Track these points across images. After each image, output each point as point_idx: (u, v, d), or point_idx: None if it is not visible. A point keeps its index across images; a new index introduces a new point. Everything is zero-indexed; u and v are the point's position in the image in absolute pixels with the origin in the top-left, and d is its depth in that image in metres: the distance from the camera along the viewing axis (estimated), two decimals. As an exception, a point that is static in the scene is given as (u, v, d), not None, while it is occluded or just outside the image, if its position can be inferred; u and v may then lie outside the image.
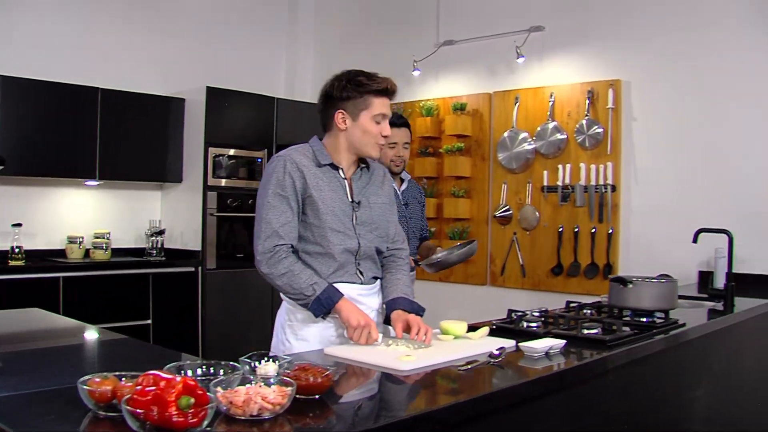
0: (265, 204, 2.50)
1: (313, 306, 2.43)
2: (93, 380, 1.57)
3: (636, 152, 5.05)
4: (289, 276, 2.44)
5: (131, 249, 6.17)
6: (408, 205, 3.78)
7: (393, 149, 3.64)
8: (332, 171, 2.58)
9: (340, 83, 2.52)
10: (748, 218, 4.51)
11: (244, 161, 6.23)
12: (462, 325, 2.48)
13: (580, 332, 2.51)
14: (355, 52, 6.79)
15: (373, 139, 2.55)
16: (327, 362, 2.10)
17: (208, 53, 6.60)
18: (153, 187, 6.40)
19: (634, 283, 2.82)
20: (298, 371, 1.73)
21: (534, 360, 2.19)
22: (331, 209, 2.53)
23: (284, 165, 2.50)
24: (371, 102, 2.51)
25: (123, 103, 5.79)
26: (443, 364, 2.10)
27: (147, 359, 2.28)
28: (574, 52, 5.41)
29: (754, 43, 4.57)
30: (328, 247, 2.52)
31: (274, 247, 2.45)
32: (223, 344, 6.00)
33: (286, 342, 2.55)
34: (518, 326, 2.68)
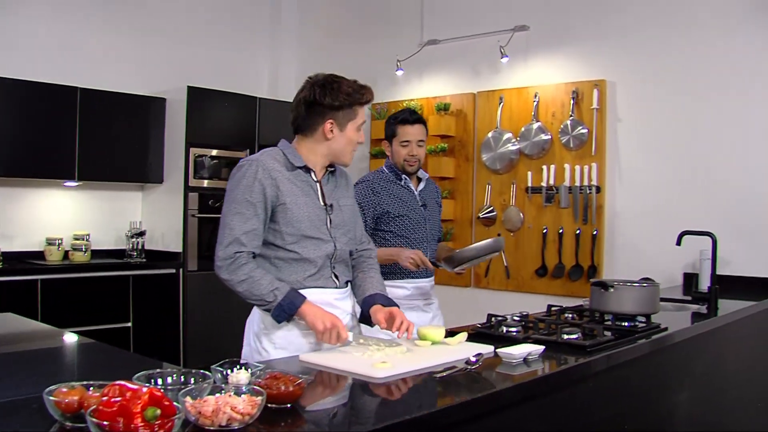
0: (231, 210, 2.47)
1: (275, 312, 2.42)
2: (60, 390, 1.56)
3: (621, 153, 5.07)
4: (249, 282, 2.42)
5: (111, 251, 6.14)
6: (426, 206, 3.64)
7: (405, 147, 3.53)
8: (304, 174, 2.57)
9: (332, 92, 2.50)
10: (733, 219, 4.53)
11: (225, 162, 6.21)
12: (440, 330, 2.48)
13: (560, 337, 2.51)
14: (339, 51, 6.79)
15: (352, 147, 2.60)
16: (302, 369, 2.10)
17: (190, 52, 6.58)
18: (133, 188, 6.37)
19: (615, 288, 2.82)
20: (270, 380, 1.72)
21: (512, 366, 2.19)
22: (306, 215, 2.51)
23: (255, 171, 2.47)
24: (358, 112, 2.57)
25: (103, 102, 5.76)
26: (419, 371, 2.09)
27: (120, 366, 2.26)
28: (558, 51, 5.42)
29: (742, 42, 4.59)
30: (303, 252, 2.51)
31: (235, 253, 2.43)
32: (204, 347, 5.98)
33: (263, 351, 2.52)
34: (497, 331, 2.68)
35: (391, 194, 3.55)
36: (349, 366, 2.11)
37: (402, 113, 3.61)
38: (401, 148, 3.54)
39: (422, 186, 3.67)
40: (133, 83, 6.14)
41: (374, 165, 6.30)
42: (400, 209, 3.53)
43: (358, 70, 6.52)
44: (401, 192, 3.57)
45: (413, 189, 3.60)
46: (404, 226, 3.53)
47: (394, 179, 3.58)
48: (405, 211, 3.53)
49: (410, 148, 3.53)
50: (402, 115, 3.59)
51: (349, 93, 2.51)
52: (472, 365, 2.14)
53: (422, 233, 3.58)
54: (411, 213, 3.55)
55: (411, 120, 3.55)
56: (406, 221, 3.53)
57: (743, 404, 3.83)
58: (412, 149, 3.53)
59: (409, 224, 3.54)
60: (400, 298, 3.46)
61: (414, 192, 3.60)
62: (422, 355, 2.28)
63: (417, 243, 3.54)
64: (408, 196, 3.58)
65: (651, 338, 2.71)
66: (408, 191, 3.59)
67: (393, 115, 3.65)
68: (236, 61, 6.96)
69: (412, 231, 3.55)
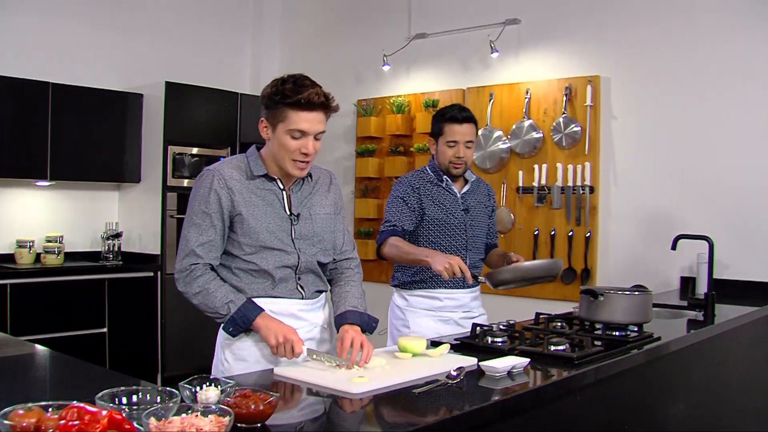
0: (189, 221, 2.48)
1: (227, 326, 2.41)
2: (16, 412, 1.53)
3: (615, 152, 5.07)
4: (203, 295, 2.42)
5: (86, 253, 6.10)
6: (468, 210, 3.45)
7: (452, 148, 3.34)
8: (268, 182, 2.54)
9: (266, 89, 2.46)
10: (732, 221, 4.54)
11: (206, 160, 6.18)
12: (421, 342, 2.47)
13: (546, 348, 2.50)
14: (324, 45, 6.77)
15: (289, 155, 2.44)
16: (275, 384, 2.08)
17: (168, 45, 6.54)
18: (109, 188, 6.33)
19: (605, 296, 2.81)
20: (239, 398, 1.70)
21: (495, 380, 2.18)
22: (265, 226, 2.49)
23: (211, 181, 2.45)
24: (287, 115, 2.40)
25: (76, 98, 5.71)
26: (398, 386, 2.08)
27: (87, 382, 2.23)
28: (551, 46, 5.41)
29: (742, 37, 4.58)
30: (262, 264, 2.49)
31: (190, 265, 2.43)
32: (183, 353, 5.96)
33: (225, 362, 2.53)
34: (482, 342, 2.66)
35: (430, 196, 3.40)
36: (325, 381, 2.10)
37: (450, 110, 3.40)
38: (447, 149, 3.36)
39: (467, 188, 3.48)
40: (109, 78, 6.10)
41: (360, 164, 6.29)
42: (438, 213, 3.38)
43: (343, 65, 6.61)
44: (442, 194, 3.42)
45: (456, 192, 3.44)
46: (440, 232, 3.39)
47: (435, 180, 3.43)
48: (442, 215, 3.38)
49: (457, 150, 3.34)
50: (450, 111, 3.38)
51: (279, 92, 2.39)
52: (453, 379, 2.13)
53: (460, 240, 3.42)
54: (449, 218, 3.39)
55: (460, 118, 3.34)
56: (442, 227, 3.39)
57: (742, 415, 3.84)
58: (458, 150, 3.34)
59: (445, 230, 3.39)
60: (431, 310, 3.39)
61: (456, 195, 3.44)
62: (402, 368, 2.27)
63: (453, 252, 3.37)
64: (449, 200, 3.42)
65: (643, 349, 2.70)
66: (450, 194, 3.43)
67: (440, 111, 3.45)
68: (217, 55, 6.93)
69: (449, 238, 3.39)
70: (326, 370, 2.22)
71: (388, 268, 6.14)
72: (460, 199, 3.45)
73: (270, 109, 2.44)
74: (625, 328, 2.83)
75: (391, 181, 6.10)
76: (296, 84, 2.41)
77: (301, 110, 2.39)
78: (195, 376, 1.87)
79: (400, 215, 3.35)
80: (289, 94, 2.38)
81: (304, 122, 2.41)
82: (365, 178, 6.31)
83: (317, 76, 2.55)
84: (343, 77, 6.53)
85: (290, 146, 2.43)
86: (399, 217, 3.35)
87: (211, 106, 6.28)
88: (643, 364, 2.71)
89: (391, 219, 3.36)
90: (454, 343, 2.67)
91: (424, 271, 3.38)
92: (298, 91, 2.38)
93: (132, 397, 1.72)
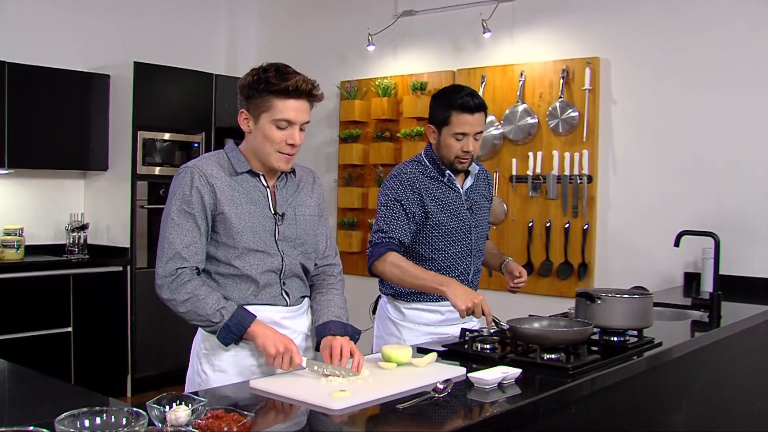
0: (169, 222, 2.44)
1: (221, 334, 2.39)
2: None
3: (615, 139, 5.08)
4: (193, 302, 2.39)
5: (49, 246, 6.06)
6: (473, 209, 3.20)
7: (460, 141, 3.05)
8: (252, 179, 2.53)
9: (246, 79, 2.45)
10: (739, 213, 4.57)
11: (179, 146, 6.16)
12: (406, 351, 2.47)
13: (539, 357, 2.51)
14: (304, 23, 6.75)
15: (273, 148, 2.44)
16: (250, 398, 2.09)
17: (137, 23, 6.49)
18: (74, 176, 6.29)
19: (602, 299, 2.82)
20: (211, 420, 1.70)
21: (484, 393, 2.19)
22: (249, 226, 2.47)
23: (191, 178, 2.43)
24: (272, 104, 2.39)
25: (36, 79, 5.67)
26: (381, 400, 2.08)
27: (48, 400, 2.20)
28: (547, 26, 5.40)
29: (748, 20, 4.59)
30: (245, 268, 2.48)
31: (176, 270, 2.40)
32: (155, 354, 5.97)
33: (202, 373, 2.52)
34: (471, 349, 2.67)
35: (433, 196, 3.13)
36: (303, 395, 2.10)
37: (459, 95, 3.04)
38: (454, 142, 3.05)
39: (469, 183, 3.22)
40: (72, 58, 6.05)
41: (344, 150, 6.28)
42: (440, 216, 3.12)
43: (325, 44, 6.58)
44: (445, 193, 3.15)
45: (459, 188, 3.19)
46: (443, 238, 3.14)
47: (436, 175, 3.15)
48: (446, 219, 3.12)
49: (466, 142, 3.05)
50: (460, 98, 3.02)
51: (264, 80, 2.38)
52: (439, 393, 2.13)
53: (465, 246, 3.18)
54: (454, 221, 3.14)
55: (472, 107, 3.02)
56: (446, 232, 3.14)
57: (748, 420, 3.87)
58: (467, 144, 3.05)
59: (449, 235, 3.14)
60: (431, 325, 3.18)
61: (460, 191, 3.19)
62: (386, 380, 2.27)
63: (457, 258, 3.17)
64: (452, 198, 3.16)
65: (643, 356, 2.71)
66: (453, 191, 3.17)
67: (446, 96, 3.10)
68: (190, 33, 6.88)
69: (453, 244, 3.15)
70: (304, 382, 2.22)
71: (373, 261, 6.15)
72: (464, 196, 3.20)
73: (251, 99, 2.43)
74: (624, 333, 2.85)
75: (376, 168, 6.11)
76: (279, 71, 2.41)
77: (288, 98, 2.39)
78: (164, 394, 1.86)
79: (397, 224, 3.06)
80: (274, 82, 2.38)
81: (290, 111, 2.41)
82: (349, 165, 6.31)
83: (298, 56, 2.57)
84: (325, 57, 6.51)
85: (276, 137, 2.43)
86: (396, 226, 3.05)
87: (184, 89, 6.25)
88: (643, 371, 2.73)
89: (386, 229, 3.05)
90: (441, 350, 2.67)
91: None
92: (285, 78, 2.38)
93: (95, 419, 1.71)
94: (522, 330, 2.59)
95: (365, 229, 6.20)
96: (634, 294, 2.95)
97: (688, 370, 3.16)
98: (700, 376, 3.31)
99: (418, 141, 5.84)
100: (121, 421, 1.72)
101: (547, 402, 2.22)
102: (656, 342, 2.86)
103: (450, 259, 3.17)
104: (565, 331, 2.58)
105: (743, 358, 3.83)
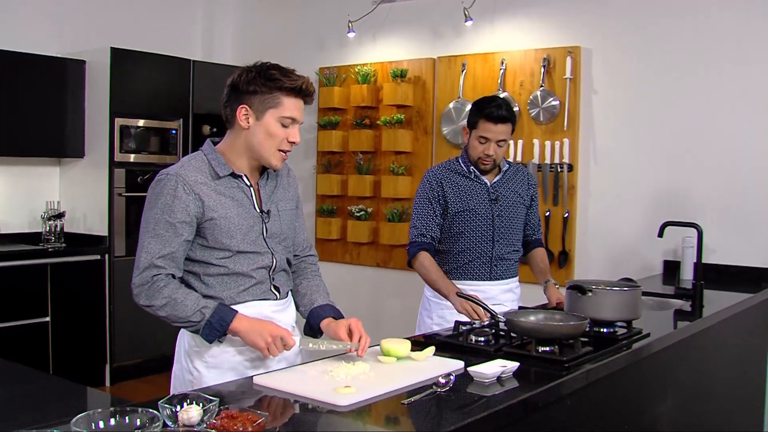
0: (149, 230, 2.45)
1: (204, 332, 2.41)
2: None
3: (596, 129, 5.15)
4: (171, 305, 2.40)
5: (24, 234, 6.02)
6: (498, 200, 3.56)
7: (482, 145, 3.45)
8: (234, 181, 2.54)
9: (249, 74, 2.47)
10: (718, 203, 4.67)
11: (155, 132, 6.13)
12: (405, 345, 2.51)
13: (535, 350, 2.57)
14: (283, 9, 6.73)
15: (275, 145, 2.50)
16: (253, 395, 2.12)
17: (112, 8, 6.43)
18: (49, 163, 6.24)
19: (593, 292, 2.89)
20: (226, 420, 1.74)
21: (484, 386, 2.24)
22: (239, 228, 2.51)
23: (174, 188, 2.43)
24: (281, 101, 2.46)
25: (9, 65, 5.59)
26: (386, 396, 2.12)
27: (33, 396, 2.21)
28: (528, 14, 5.45)
29: (732, 10, 4.65)
30: (236, 267, 2.52)
31: (152, 277, 2.41)
32: (133, 343, 5.99)
33: (194, 371, 2.54)
34: (466, 342, 2.73)
35: (456, 185, 3.55)
36: (308, 390, 2.13)
37: (489, 105, 3.45)
38: (478, 144, 3.47)
39: (497, 178, 3.59)
40: (47, 43, 5.99)
41: (323, 137, 6.30)
42: (461, 203, 3.52)
43: (303, 30, 6.57)
44: (468, 184, 3.55)
45: (486, 181, 3.56)
46: (465, 223, 3.53)
47: (464, 171, 3.57)
48: (466, 206, 3.52)
49: (487, 147, 3.46)
50: (488, 107, 3.44)
51: (271, 77, 2.44)
52: (441, 387, 2.18)
53: (486, 231, 3.54)
54: (474, 207, 3.53)
55: (496, 117, 3.41)
56: (467, 217, 3.52)
57: (730, 406, 3.98)
58: (489, 148, 3.46)
59: (470, 220, 3.52)
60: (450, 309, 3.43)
61: (486, 184, 3.56)
62: (387, 375, 2.31)
63: (477, 243, 3.54)
64: (475, 189, 3.55)
65: (632, 348, 2.79)
66: (478, 183, 3.56)
67: (480, 103, 3.52)
68: (165, 18, 6.84)
69: (475, 228, 3.53)
70: (308, 377, 2.26)
71: (352, 248, 6.21)
72: (490, 188, 3.56)
73: (256, 95, 2.46)
74: (612, 324, 2.92)
75: (355, 155, 6.14)
76: (282, 70, 2.47)
77: (296, 97, 2.48)
78: (174, 395, 1.89)
79: (427, 221, 3.54)
80: (284, 80, 2.44)
81: (296, 110, 2.50)
82: (328, 152, 6.33)
83: (276, 41, 2.62)
84: (303, 42, 6.51)
85: (279, 135, 2.48)
86: (427, 223, 3.54)
87: (161, 75, 6.23)
88: (633, 362, 2.80)
89: (419, 225, 3.55)
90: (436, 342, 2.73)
91: (450, 261, 3.58)
92: (293, 78, 2.46)
93: (110, 421, 1.74)
94: (519, 323, 2.65)
95: (344, 216, 6.23)
96: (623, 286, 3.02)
97: (673, 359, 3.24)
98: (684, 364, 3.40)
99: (398, 128, 5.88)
100: (135, 421, 1.75)
101: (545, 395, 2.29)
102: (644, 333, 2.94)
103: (468, 242, 3.55)
104: (562, 325, 2.66)
105: (724, 345, 3.93)
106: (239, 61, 6.77)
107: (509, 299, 3.62)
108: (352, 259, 6.21)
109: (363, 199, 6.17)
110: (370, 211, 6.07)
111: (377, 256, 6.11)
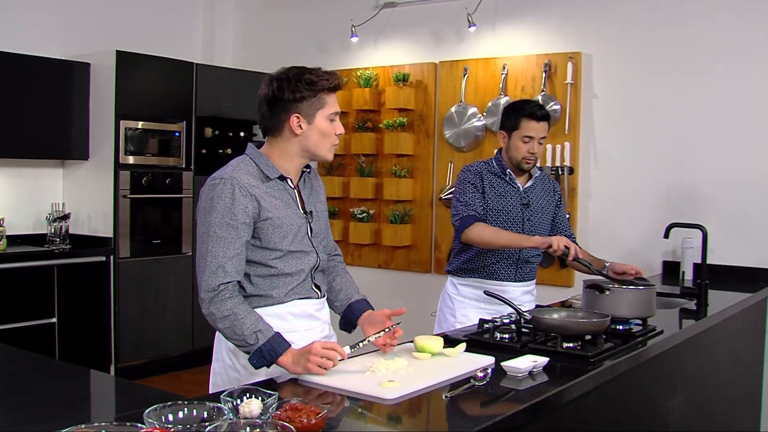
0: (211, 235, 2.50)
1: (253, 357, 2.44)
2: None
3: (596, 133, 5.27)
4: (231, 319, 2.45)
5: (30, 236, 6.07)
6: (529, 205, 3.71)
7: (527, 144, 3.59)
8: (281, 183, 2.63)
9: (290, 84, 2.55)
10: (716, 206, 4.80)
11: (159, 135, 6.19)
12: (438, 341, 2.62)
13: (560, 346, 2.68)
14: (285, 13, 6.79)
15: (329, 141, 2.63)
16: (304, 390, 2.22)
17: (115, 11, 6.50)
18: (54, 165, 6.30)
19: (611, 290, 3.02)
20: (290, 412, 1.83)
21: (518, 380, 2.36)
22: (290, 229, 2.60)
23: (231, 190, 2.50)
24: (326, 101, 2.58)
25: (15, 67, 5.67)
26: (428, 389, 2.23)
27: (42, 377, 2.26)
28: (530, 20, 5.57)
29: (732, 14, 4.77)
30: (286, 268, 2.60)
31: (219, 285, 2.47)
32: (138, 344, 6.05)
33: (241, 368, 2.61)
34: (492, 338, 2.84)
35: (493, 186, 3.68)
36: (354, 386, 2.23)
37: (529, 105, 3.65)
38: (522, 144, 3.60)
39: (530, 183, 3.75)
40: (52, 45, 6.06)
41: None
42: (496, 204, 3.66)
43: (305, 34, 6.64)
44: (503, 187, 3.69)
45: (519, 185, 3.71)
46: (495, 222, 3.65)
47: (499, 172, 3.70)
48: (501, 206, 3.66)
49: (531, 145, 3.60)
50: (529, 108, 3.62)
51: (311, 81, 2.56)
52: (479, 381, 2.29)
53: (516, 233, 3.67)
54: (508, 209, 3.66)
55: (539, 116, 3.59)
56: (500, 218, 3.65)
57: (734, 401, 4.12)
58: (533, 146, 3.60)
59: (500, 221, 3.65)
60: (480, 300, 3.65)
61: (519, 188, 3.71)
62: (425, 369, 2.42)
63: None
64: (509, 192, 3.69)
65: (648, 344, 2.91)
66: (512, 187, 3.70)
67: (518, 106, 3.70)
68: (168, 21, 6.92)
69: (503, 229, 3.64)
70: (350, 374, 2.35)
71: (354, 249, 6.29)
72: (522, 193, 3.71)
73: (305, 101, 2.55)
74: (627, 321, 3.04)
75: (357, 158, 6.23)
76: (316, 72, 2.59)
77: (334, 93, 2.63)
78: (234, 388, 1.98)
79: (474, 200, 3.64)
80: (326, 80, 2.58)
81: (337, 104, 2.66)
82: (330, 154, 6.39)
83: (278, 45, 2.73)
84: (305, 46, 6.59)
85: (330, 131, 2.62)
86: (474, 201, 3.64)
87: (165, 77, 6.29)
88: (650, 358, 2.93)
89: (467, 201, 3.63)
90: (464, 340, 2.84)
91: (477, 259, 3.70)
92: (331, 77, 2.60)
93: (178, 414, 1.83)
94: (545, 320, 2.78)
95: (346, 217, 6.33)
96: (639, 285, 3.14)
97: (682, 355, 3.37)
98: (691, 360, 3.53)
99: (400, 132, 5.98)
100: (203, 413, 1.84)
101: (576, 388, 2.40)
102: (658, 330, 3.06)
103: None
104: (587, 322, 2.79)
105: (726, 341, 4.07)
106: (241, 64, 6.85)
107: (528, 300, 3.75)
108: (353, 260, 6.30)
109: (365, 201, 6.27)
110: (372, 212, 6.17)
111: (379, 258, 6.21)
